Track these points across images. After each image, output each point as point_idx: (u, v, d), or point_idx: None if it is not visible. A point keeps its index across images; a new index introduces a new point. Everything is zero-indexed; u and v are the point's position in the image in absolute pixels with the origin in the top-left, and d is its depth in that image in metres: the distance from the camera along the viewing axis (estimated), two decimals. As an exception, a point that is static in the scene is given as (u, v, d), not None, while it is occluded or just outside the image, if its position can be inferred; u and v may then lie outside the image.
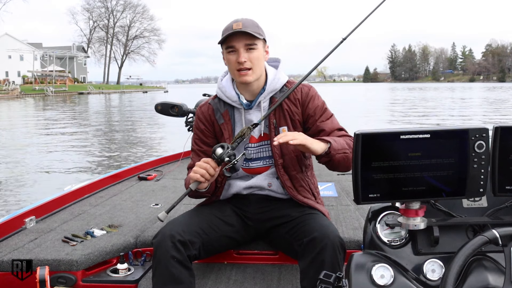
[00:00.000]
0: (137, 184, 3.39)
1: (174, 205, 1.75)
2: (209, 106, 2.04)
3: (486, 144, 1.22)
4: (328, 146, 1.78)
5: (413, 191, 1.23)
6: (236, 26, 1.85)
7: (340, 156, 1.80)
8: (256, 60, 1.89)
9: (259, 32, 1.89)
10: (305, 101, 1.97)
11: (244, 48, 1.87)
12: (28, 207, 2.48)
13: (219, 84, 2.04)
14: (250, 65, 1.88)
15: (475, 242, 1.09)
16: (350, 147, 1.84)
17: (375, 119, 17.96)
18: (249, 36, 1.86)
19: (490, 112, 21.67)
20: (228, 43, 1.88)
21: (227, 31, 1.87)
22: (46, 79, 56.75)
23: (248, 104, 1.99)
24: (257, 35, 1.87)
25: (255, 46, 1.89)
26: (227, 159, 1.75)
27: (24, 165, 9.11)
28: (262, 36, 1.91)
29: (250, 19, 1.91)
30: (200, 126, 2.04)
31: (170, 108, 3.29)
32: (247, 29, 1.84)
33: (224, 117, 1.99)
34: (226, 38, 1.87)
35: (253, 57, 1.88)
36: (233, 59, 1.89)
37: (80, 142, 12.36)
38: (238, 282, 1.98)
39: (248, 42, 1.87)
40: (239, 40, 1.86)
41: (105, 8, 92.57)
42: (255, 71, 1.90)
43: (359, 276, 1.21)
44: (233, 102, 1.99)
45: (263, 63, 1.96)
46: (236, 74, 1.91)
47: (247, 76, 1.89)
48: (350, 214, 2.53)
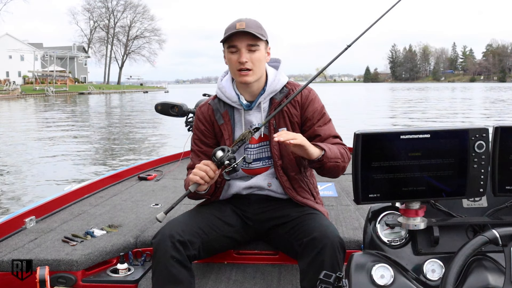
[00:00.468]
0: (137, 184, 3.39)
1: (172, 206, 1.75)
2: (209, 106, 2.04)
3: (486, 144, 1.22)
4: (322, 154, 1.78)
5: (413, 191, 1.23)
6: (239, 25, 1.85)
7: (331, 164, 1.81)
8: (257, 61, 1.89)
9: (262, 33, 1.88)
10: (304, 103, 1.97)
11: (246, 48, 1.87)
12: (28, 207, 2.48)
13: (219, 84, 2.04)
14: (251, 66, 1.88)
15: (475, 242, 1.09)
16: (343, 156, 1.86)
17: (375, 119, 17.94)
18: (251, 37, 1.85)
19: (490, 112, 21.66)
20: (230, 42, 1.88)
21: (230, 30, 1.86)
22: (46, 79, 56.79)
23: (248, 105, 1.98)
24: (260, 36, 1.86)
25: (257, 47, 1.88)
26: (227, 162, 1.74)
27: (23, 165, 9.10)
28: (265, 37, 1.90)
29: (253, 20, 1.91)
30: (200, 126, 2.04)
31: (170, 108, 3.29)
32: (250, 29, 1.84)
33: (224, 117, 1.99)
34: (229, 37, 1.87)
35: (254, 58, 1.88)
36: (234, 58, 1.88)
37: (80, 145, 12.35)
38: (238, 282, 1.98)
39: (250, 43, 1.86)
40: (242, 40, 1.86)
41: (106, 8, 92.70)
42: (255, 72, 1.90)
43: (359, 276, 1.21)
44: (233, 103, 1.99)
45: (264, 65, 1.95)
46: (237, 74, 1.90)
47: (247, 76, 1.89)
48: (350, 214, 2.52)
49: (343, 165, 1.87)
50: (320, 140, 1.89)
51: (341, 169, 1.88)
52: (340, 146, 1.91)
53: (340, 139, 1.96)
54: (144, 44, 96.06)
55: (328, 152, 1.78)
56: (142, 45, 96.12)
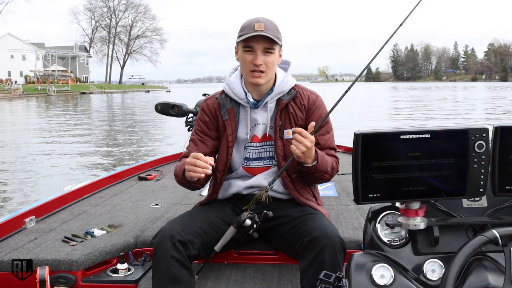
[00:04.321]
0: (137, 184, 3.39)
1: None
2: (216, 100, 2.05)
3: (486, 144, 1.21)
4: (313, 164, 1.82)
5: (413, 191, 1.23)
6: (258, 27, 1.85)
7: (317, 175, 1.88)
8: (271, 64, 1.91)
9: (279, 37, 1.90)
10: (310, 108, 2.00)
11: (262, 50, 1.88)
12: (28, 207, 2.48)
13: (227, 80, 2.05)
14: (264, 69, 1.89)
15: (475, 242, 1.09)
16: (332, 171, 1.93)
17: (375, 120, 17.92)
18: (269, 40, 1.86)
19: (490, 112, 21.62)
20: (247, 42, 1.88)
21: (247, 30, 1.86)
22: (48, 79, 56.82)
23: (255, 103, 2.00)
24: (277, 40, 1.87)
25: (273, 51, 1.90)
26: (250, 223, 1.80)
27: (24, 165, 9.12)
28: (281, 41, 1.91)
29: (271, 21, 1.91)
30: (205, 118, 2.04)
31: (170, 108, 3.28)
32: (268, 33, 1.85)
33: (230, 113, 2.00)
34: (247, 37, 1.86)
35: (269, 61, 1.89)
36: (249, 59, 1.89)
37: (80, 145, 12.36)
38: (238, 282, 1.98)
39: (267, 46, 1.88)
40: (259, 42, 1.87)
41: (107, 8, 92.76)
42: (268, 74, 1.92)
43: (359, 276, 1.21)
44: (240, 100, 2.00)
45: (275, 67, 1.97)
46: (249, 74, 1.91)
47: (260, 79, 1.91)
48: (350, 214, 2.52)
49: (327, 179, 1.94)
50: (318, 148, 1.90)
51: (322, 181, 1.99)
52: (334, 160, 1.96)
53: (335, 151, 2.01)
54: (146, 43, 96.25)
55: (319, 165, 1.83)
56: (144, 44, 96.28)
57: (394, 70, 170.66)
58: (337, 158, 1.99)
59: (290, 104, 1.99)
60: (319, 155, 1.82)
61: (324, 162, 1.85)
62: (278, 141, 1.98)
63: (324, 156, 1.87)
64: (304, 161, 1.80)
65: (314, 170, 1.84)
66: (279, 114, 1.98)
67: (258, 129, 2.00)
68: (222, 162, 2.01)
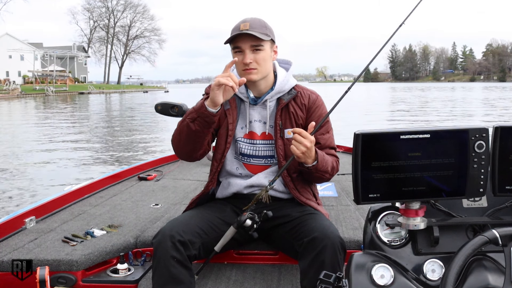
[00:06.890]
0: (137, 184, 3.39)
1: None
2: None
3: (486, 144, 1.22)
4: (313, 164, 1.83)
5: (413, 191, 1.23)
6: (243, 26, 1.86)
7: (318, 175, 1.88)
8: (262, 61, 1.91)
9: (266, 33, 1.89)
10: (311, 107, 2.01)
11: (250, 49, 1.88)
12: (28, 207, 2.48)
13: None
14: (255, 66, 1.90)
15: (475, 242, 1.09)
16: (332, 171, 1.93)
17: (375, 121, 17.93)
18: (255, 38, 1.86)
19: (490, 112, 21.64)
20: (234, 43, 1.90)
21: (234, 31, 1.88)
22: (46, 79, 56.70)
23: (254, 100, 2.01)
24: (263, 37, 1.87)
25: (261, 47, 1.90)
26: (250, 223, 1.80)
27: (23, 165, 9.10)
28: (270, 37, 1.91)
29: (258, 19, 1.92)
30: None
31: (170, 108, 3.28)
32: (253, 30, 1.85)
33: (231, 103, 2.01)
34: (233, 38, 1.88)
35: (259, 58, 1.90)
36: (239, 59, 1.90)
37: (80, 144, 12.35)
38: (238, 282, 1.98)
39: (254, 44, 1.88)
40: (245, 41, 1.87)
41: (106, 8, 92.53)
42: (260, 70, 1.92)
43: (359, 276, 1.21)
44: (240, 94, 2.02)
45: (270, 63, 1.97)
46: (242, 73, 1.93)
47: (252, 74, 1.91)
48: (350, 214, 2.53)
49: (327, 178, 1.94)
50: (318, 148, 1.91)
51: (323, 181, 1.99)
52: (334, 159, 1.96)
53: (335, 151, 2.02)
54: (144, 44, 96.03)
55: (319, 165, 1.84)
56: (142, 44, 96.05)
57: (393, 70, 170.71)
58: (337, 157, 2.00)
59: (291, 103, 2.00)
60: (319, 155, 1.83)
61: (324, 161, 1.86)
62: (279, 140, 1.98)
63: (324, 155, 1.87)
64: (304, 161, 1.80)
65: (315, 170, 1.84)
66: (279, 113, 1.98)
67: (255, 126, 2.01)
68: (220, 151, 2.02)
